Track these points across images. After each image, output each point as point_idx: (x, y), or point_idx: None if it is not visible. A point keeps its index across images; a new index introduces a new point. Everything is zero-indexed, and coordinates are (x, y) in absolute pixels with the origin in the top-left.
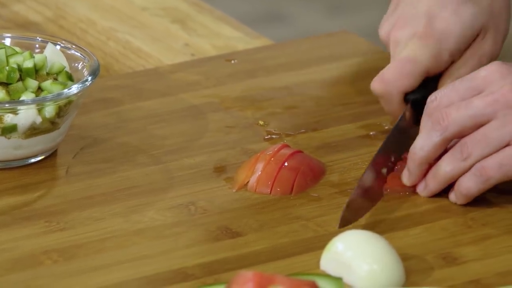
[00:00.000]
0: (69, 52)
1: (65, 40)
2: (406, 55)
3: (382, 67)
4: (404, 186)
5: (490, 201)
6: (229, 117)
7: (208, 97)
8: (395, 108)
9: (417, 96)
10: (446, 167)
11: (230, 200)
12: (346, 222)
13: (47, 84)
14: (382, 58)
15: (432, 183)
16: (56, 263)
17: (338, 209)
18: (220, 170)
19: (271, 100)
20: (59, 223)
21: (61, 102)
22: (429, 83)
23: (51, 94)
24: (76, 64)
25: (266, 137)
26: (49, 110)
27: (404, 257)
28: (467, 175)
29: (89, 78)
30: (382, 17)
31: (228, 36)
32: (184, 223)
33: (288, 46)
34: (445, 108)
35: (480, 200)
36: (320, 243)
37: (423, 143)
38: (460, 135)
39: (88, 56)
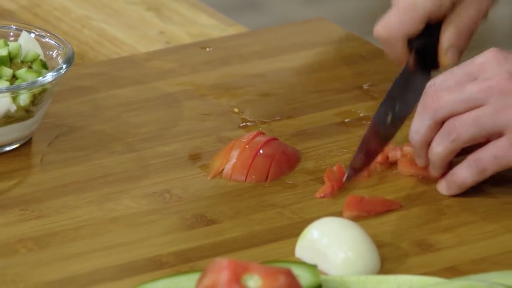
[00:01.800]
0: (43, 40)
1: (39, 28)
2: (407, 1)
3: (357, 54)
4: (416, 168)
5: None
6: (204, 104)
7: (183, 84)
8: (399, 54)
9: (421, 42)
10: (437, 148)
11: (205, 188)
12: (354, 172)
13: (22, 72)
14: (357, 45)
15: (433, 165)
16: (31, 251)
17: (313, 196)
18: (195, 157)
19: (246, 88)
20: (34, 211)
21: (36, 90)
22: (432, 30)
23: (25, 82)
24: (51, 52)
25: (241, 125)
26: (24, 98)
27: (379, 244)
28: (463, 165)
29: (64, 66)
30: (357, 5)
31: (203, 24)
32: (159, 211)
33: (263, 33)
34: (437, 91)
35: None
36: (295, 230)
37: (417, 126)
38: (451, 117)
39: (63, 44)
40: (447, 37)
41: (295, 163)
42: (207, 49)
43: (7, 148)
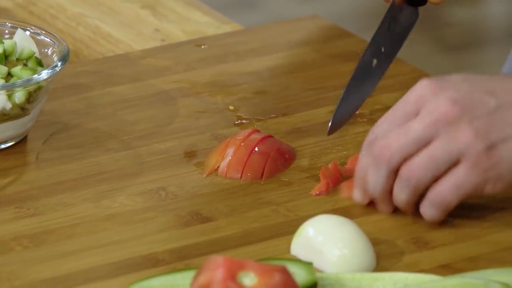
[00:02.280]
0: (39, 37)
1: (35, 26)
2: None
3: (352, 52)
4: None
5: None
6: (199, 102)
7: (178, 82)
8: None
9: None
10: (401, 195)
11: (200, 185)
12: (338, 124)
13: (17, 70)
14: (352, 43)
15: (402, 208)
16: (27, 249)
17: (308, 193)
18: (190, 155)
19: (241, 85)
20: (29, 209)
21: (31, 88)
22: None
23: (20, 80)
24: (46, 50)
25: (236, 122)
26: (19, 96)
27: (375, 242)
28: (427, 204)
29: (59, 63)
30: (351, 3)
31: (198, 22)
32: (154, 209)
33: (258, 31)
34: (384, 140)
35: None
36: (290, 228)
37: (375, 179)
38: (404, 162)
39: (58, 41)
40: None
41: (290, 161)
42: (202, 46)
43: (2, 146)
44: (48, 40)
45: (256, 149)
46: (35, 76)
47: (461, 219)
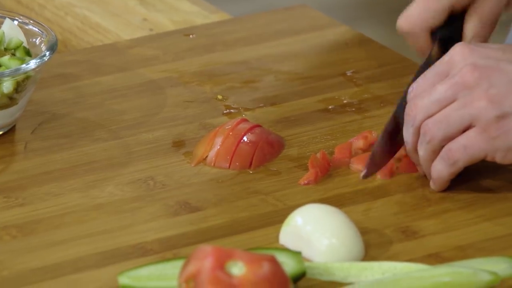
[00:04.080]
0: (27, 27)
1: (22, 16)
2: None
3: (340, 41)
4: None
5: None
6: (187, 91)
7: (166, 72)
8: (422, 45)
9: (444, 33)
10: (420, 151)
11: (189, 175)
12: (372, 170)
13: (5, 59)
14: (340, 32)
15: (423, 168)
16: (15, 238)
17: (297, 183)
18: (178, 144)
19: (230, 75)
20: (17, 198)
21: (19, 78)
22: (456, 20)
23: (8, 70)
24: (34, 40)
25: (224, 112)
26: (7, 86)
27: (363, 231)
28: (437, 159)
29: (47, 53)
30: None
31: (186, 11)
32: (143, 198)
33: (247, 20)
34: (416, 97)
35: None
36: (279, 217)
37: (405, 136)
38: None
39: (46, 31)
40: (470, 27)
41: (278, 150)
42: (191, 36)
43: None
44: (36, 29)
45: (245, 138)
46: (23, 65)
47: (450, 208)
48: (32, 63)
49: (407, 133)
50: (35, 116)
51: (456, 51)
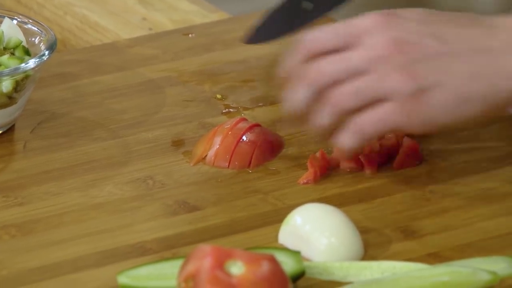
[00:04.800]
0: (26, 26)
1: (22, 15)
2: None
3: None
4: (355, 163)
5: (448, 174)
6: (186, 91)
7: (165, 71)
8: None
9: None
10: (321, 119)
11: (188, 174)
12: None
13: (4, 58)
14: None
15: (317, 134)
16: (14, 238)
17: (296, 182)
18: (178, 144)
19: (229, 74)
20: (16, 198)
21: (18, 77)
22: None
23: (8, 69)
24: (33, 39)
25: (223, 111)
26: (6, 85)
27: (363, 231)
28: (346, 130)
29: (46, 52)
30: None
31: (185, 10)
32: (142, 197)
33: (246, 19)
34: (316, 55)
35: (439, 173)
36: (278, 216)
37: (296, 96)
38: (333, 87)
39: (45, 30)
40: None
41: (278, 149)
42: (190, 35)
43: None
44: (35, 29)
45: (244, 138)
46: (22, 65)
47: (449, 207)
48: (31, 63)
49: (300, 95)
50: (34, 116)
51: (371, 19)
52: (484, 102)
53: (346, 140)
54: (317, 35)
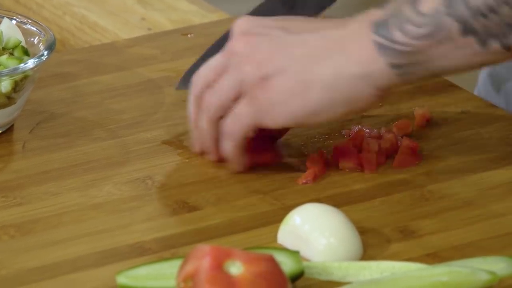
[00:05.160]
0: (25, 26)
1: (21, 15)
2: None
3: None
4: (354, 163)
5: (446, 174)
6: (185, 91)
7: (164, 71)
8: None
9: None
10: (199, 122)
11: (187, 174)
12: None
13: (3, 59)
14: None
15: (207, 146)
16: (13, 238)
17: (295, 182)
18: (176, 144)
19: None
20: (15, 198)
21: (17, 77)
22: None
23: (7, 69)
24: (32, 39)
25: None
26: (5, 85)
27: (362, 231)
28: (221, 137)
29: (45, 52)
30: None
31: (184, 10)
32: (141, 197)
33: None
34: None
35: (438, 173)
36: (277, 216)
37: (188, 110)
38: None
39: (44, 30)
40: None
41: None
42: (189, 35)
43: None
44: (34, 29)
45: None
46: (21, 65)
47: (448, 207)
48: (30, 63)
49: (188, 105)
50: (33, 116)
51: (235, 23)
52: (328, 87)
53: (225, 147)
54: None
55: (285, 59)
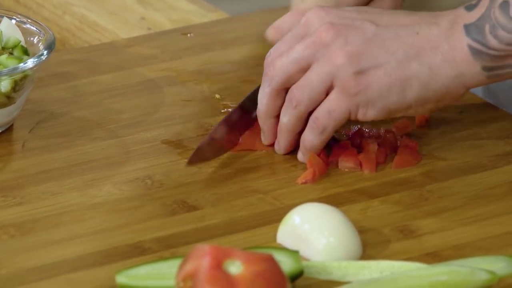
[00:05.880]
0: (24, 26)
1: (20, 15)
2: (303, 7)
3: None
4: (354, 163)
5: (446, 173)
6: (185, 90)
7: (164, 70)
8: None
9: None
10: (284, 118)
11: (186, 174)
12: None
13: (3, 58)
14: None
15: (279, 138)
16: (13, 238)
17: (295, 182)
18: (176, 143)
19: (228, 74)
20: (15, 197)
21: (17, 77)
22: None
23: (6, 69)
24: (32, 39)
25: (222, 111)
26: (5, 85)
27: (361, 230)
28: (307, 129)
29: (45, 52)
30: None
31: (184, 10)
32: (140, 197)
33: (244, 19)
34: (274, 59)
35: (437, 172)
36: (277, 216)
37: (260, 97)
38: (289, 83)
39: (44, 30)
40: None
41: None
42: (189, 35)
43: None
44: (34, 28)
45: None
46: (21, 64)
47: (447, 207)
48: (30, 62)
49: (262, 95)
50: (33, 115)
51: (312, 13)
52: (424, 85)
53: (311, 139)
54: (275, 46)
55: (379, 54)
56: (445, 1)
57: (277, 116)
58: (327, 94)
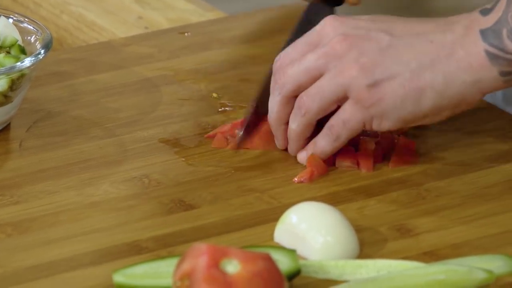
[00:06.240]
0: (22, 25)
1: (18, 14)
2: None
3: None
4: (351, 162)
5: (443, 172)
6: (182, 89)
7: (161, 69)
8: None
9: None
10: (292, 124)
11: (183, 173)
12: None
13: (0, 57)
14: None
15: (290, 143)
16: (10, 236)
17: (292, 181)
18: (173, 142)
19: (225, 73)
20: (12, 196)
21: (14, 76)
22: None
23: (3, 68)
24: (29, 38)
25: (219, 110)
26: (2, 84)
27: (358, 229)
28: (320, 135)
29: (42, 51)
30: None
31: (181, 9)
32: (138, 196)
33: (242, 18)
34: (284, 66)
35: (434, 171)
36: (274, 215)
37: (271, 105)
38: (299, 91)
39: (41, 29)
40: None
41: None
42: (186, 34)
43: None
44: (31, 27)
45: None
46: (18, 63)
47: (445, 206)
48: (27, 61)
49: (273, 102)
50: (30, 114)
51: (327, 22)
52: (440, 94)
53: (323, 145)
54: (285, 51)
55: (393, 65)
56: (441, 1)
57: (288, 123)
58: (337, 104)
